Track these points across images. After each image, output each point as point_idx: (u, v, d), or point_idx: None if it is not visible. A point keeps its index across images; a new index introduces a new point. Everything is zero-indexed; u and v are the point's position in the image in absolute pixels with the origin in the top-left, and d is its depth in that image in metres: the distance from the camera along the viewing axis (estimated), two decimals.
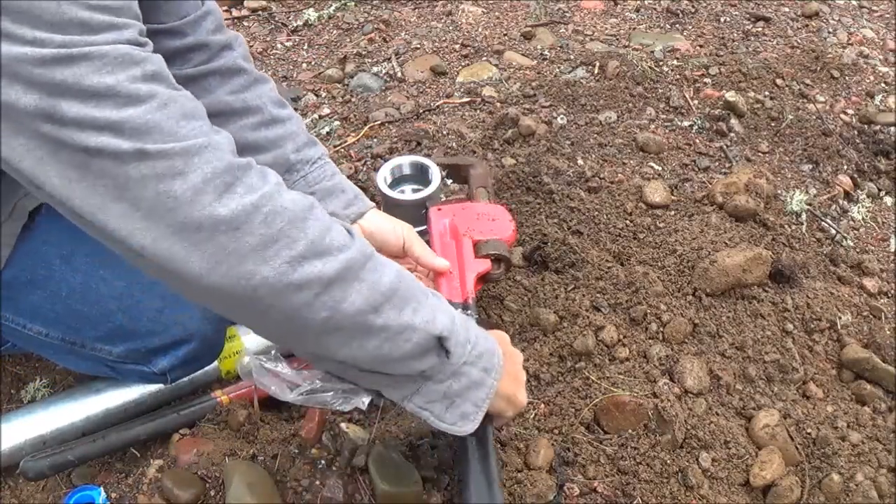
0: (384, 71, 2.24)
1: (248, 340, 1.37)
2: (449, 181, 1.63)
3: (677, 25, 2.49)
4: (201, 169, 0.76)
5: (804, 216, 1.77)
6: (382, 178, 1.53)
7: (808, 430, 1.35)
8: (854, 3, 2.73)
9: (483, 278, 1.31)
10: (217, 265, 0.76)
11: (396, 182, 1.56)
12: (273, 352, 1.04)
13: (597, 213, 1.67)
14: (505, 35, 2.41)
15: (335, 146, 1.93)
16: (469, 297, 1.23)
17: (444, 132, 1.91)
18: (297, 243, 0.79)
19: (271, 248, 0.77)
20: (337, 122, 2.04)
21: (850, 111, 2.14)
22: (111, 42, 0.76)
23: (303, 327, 0.82)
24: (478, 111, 2.04)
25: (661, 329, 1.42)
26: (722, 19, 2.53)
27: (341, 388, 1.21)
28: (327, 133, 2.00)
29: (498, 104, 2.05)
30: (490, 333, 1.06)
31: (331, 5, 2.58)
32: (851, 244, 1.77)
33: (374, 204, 1.28)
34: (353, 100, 2.14)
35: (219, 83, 1.17)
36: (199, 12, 1.17)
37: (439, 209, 1.39)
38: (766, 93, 2.14)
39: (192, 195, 0.75)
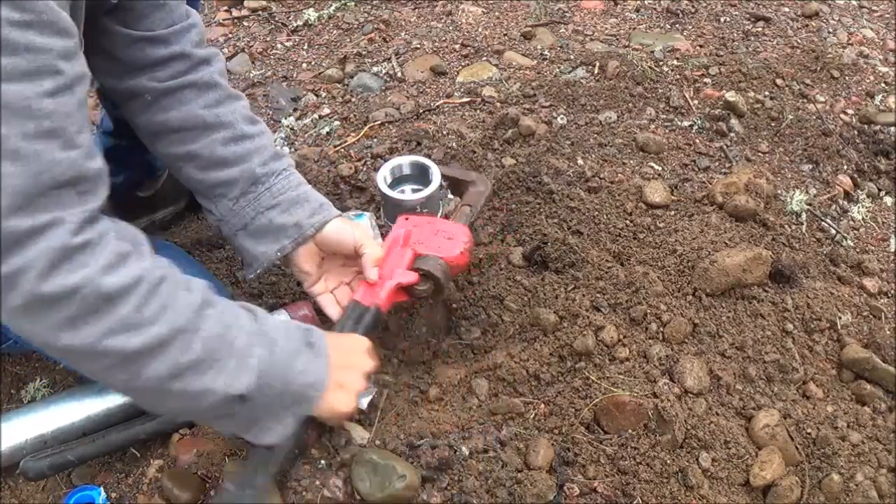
0: (384, 71, 2.24)
1: None
2: (450, 194, 1.61)
3: (677, 25, 2.49)
4: (37, 247, 0.83)
5: (804, 216, 1.77)
6: (382, 178, 1.53)
7: (808, 430, 1.35)
8: (854, 3, 2.73)
9: (409, 292, 1.30)
10: (35, 327, 0.87)
11: (396, 182, 1.56)
12: None
13: (597, 213, 1.67)
14: (505, 35, 2.41)
15: (335, 146, 1.93)
16: (374, 304, 1.24)
17: (444, 132, 1.91)
18: (106, 319, 0.87)
19: (80, 322, 0.86)
20: (337, 122, 2.04)
21: (850, 111, 2.14)
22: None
23: (109, 383, 0.96)
24: (478, 111, 2.04)
25: (661, 329, 1.42)
26: (722, 19, 2.53)
27: None
28: (327, 133, 2.00)
29: (498, 104, 2.05)
30: (345, 340, 1.14)
31: (331, 5, 2.58)
32: (851, 244, 1.77)
33: (339, 213, 1.30)
34: (353, 100, 2.14)
35: (194, 96, 1.21)
36: (185, 23, 1.20)
37: (407, 218, 1.38)
38: (766, 93, 2.14)
39: (23, 269, 0.83)
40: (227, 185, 1.23)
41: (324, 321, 1.49)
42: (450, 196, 1.60)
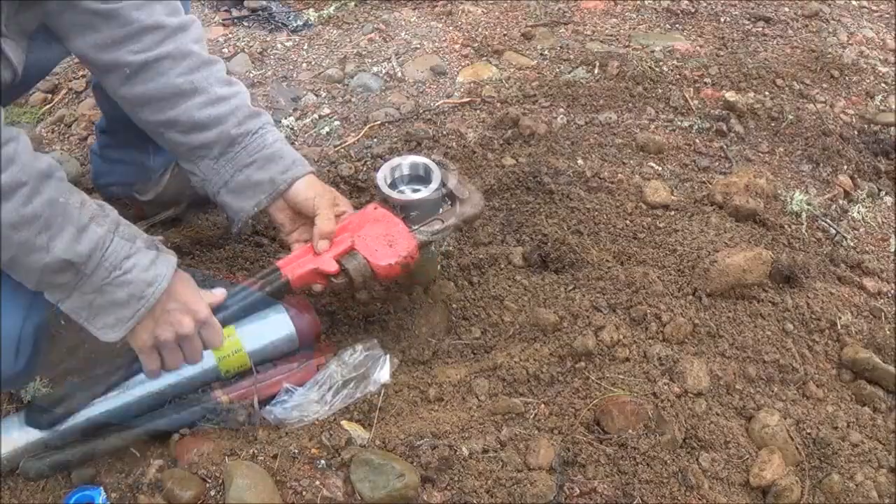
0: (384, 71, 2.24)
1: (243, 337, 1.37)
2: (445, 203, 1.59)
3: (677, 25, 2.49)
4: None
5: (804, 216, 1.77)
6: (382, 177, 1.52)
7: (808, 430, 1.35)
8: (854, 3, 2.73)
9: (328, 280, 1.31)
10: None
11: (396, 182, 1.55)
12: None
13: (597, 213, 1.67)
14: (505, 35, 2.41)
15: (335, 146, 1.93)
16: (287, 277, 1.27)
17: (444, 132, 1.91)
18: None
19: None
20: (337, 122, 2.04)
21: (850, 111, 2.14)
22: None
23: None
24: (478, 111, 2.04)
25: (662, 329, 1.42)
26: (722, 19, 2.53)
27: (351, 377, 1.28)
28: (327, 133, 2.00)
29: (498, 104, 2.05)
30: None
31: (331, 5, 2.58)
32: (851, 244, 1.77)
33: (311, 170, 1.34)
34: (353, 100, 2.14)
35: (170, 66, 1.25)
36: None
37: (376, 207, 1.39)
38: (766, 93, 2.14)
39: None
40: (206, 147, 1.29)
41: (320, 313, 1.49)
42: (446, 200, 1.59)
